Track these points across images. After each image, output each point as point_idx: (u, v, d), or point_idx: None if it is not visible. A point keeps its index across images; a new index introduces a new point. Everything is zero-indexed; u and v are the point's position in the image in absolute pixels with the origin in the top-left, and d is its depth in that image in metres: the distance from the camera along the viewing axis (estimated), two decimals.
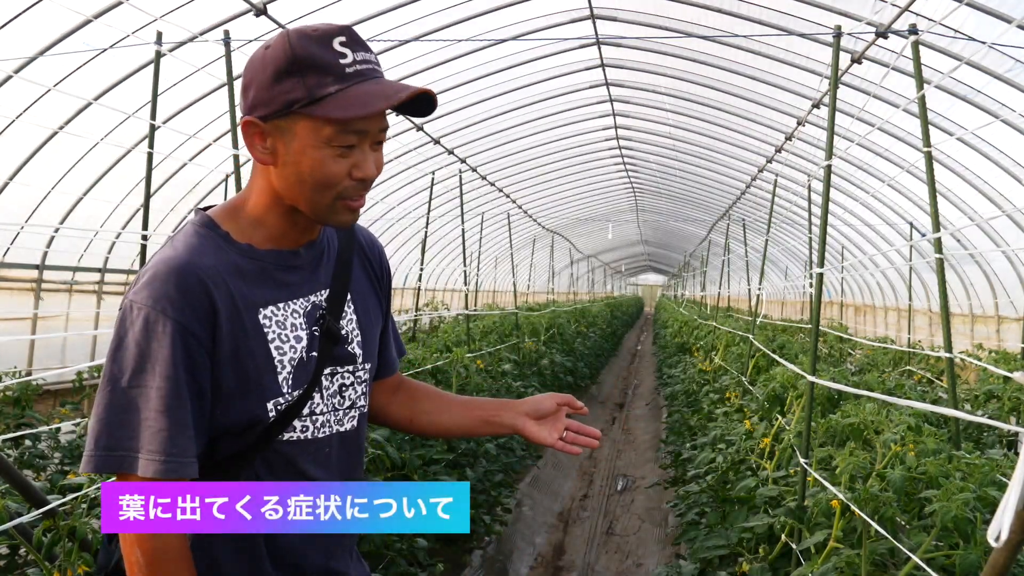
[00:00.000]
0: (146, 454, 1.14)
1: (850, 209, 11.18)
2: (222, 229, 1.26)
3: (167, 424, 1.15)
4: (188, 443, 1.16)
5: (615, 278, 45.29)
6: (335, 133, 1.18)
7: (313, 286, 1.32)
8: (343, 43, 1.19)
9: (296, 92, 1.17)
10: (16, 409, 4.24)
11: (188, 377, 1.17)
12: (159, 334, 1.15)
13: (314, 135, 1.19)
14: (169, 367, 1.15)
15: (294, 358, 1.27)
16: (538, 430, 1.48)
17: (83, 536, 2.05)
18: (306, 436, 1.31)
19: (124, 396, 1.15)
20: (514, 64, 8.65)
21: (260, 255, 1.27)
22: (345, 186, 1.22)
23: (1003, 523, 1.06)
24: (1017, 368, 5.13)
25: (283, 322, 1.27)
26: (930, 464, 2.34)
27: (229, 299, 1.21)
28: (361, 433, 1.41)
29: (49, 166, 7.32)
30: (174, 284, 1.17)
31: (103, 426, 1.15)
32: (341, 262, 1.37)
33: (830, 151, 3.29)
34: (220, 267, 1.22)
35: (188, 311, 1.17)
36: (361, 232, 1.46)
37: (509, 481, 6.01)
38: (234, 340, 1.21)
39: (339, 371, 1.34)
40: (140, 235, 3.70)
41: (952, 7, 5.29)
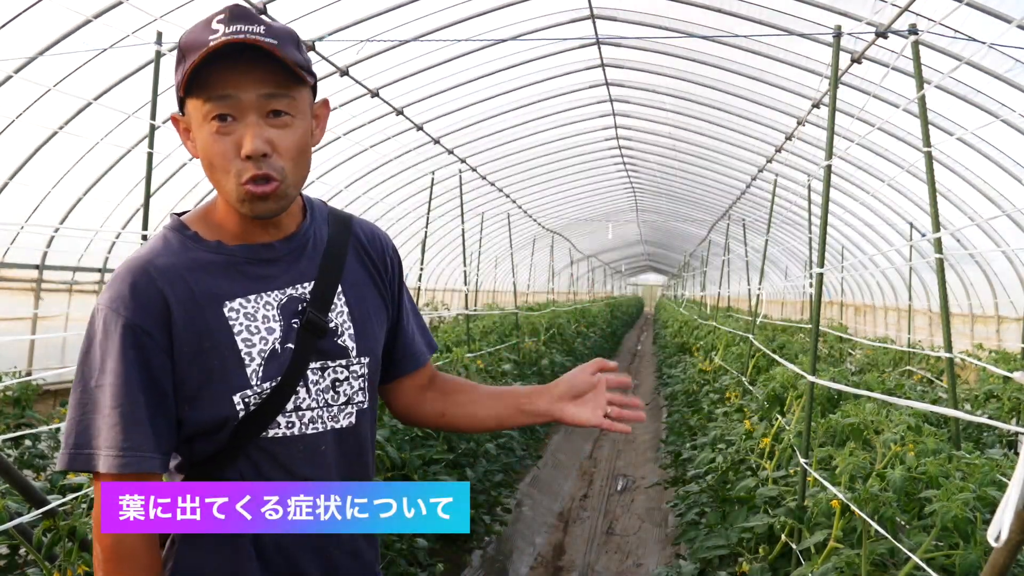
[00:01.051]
0: (104, 451, 1.15)
1: (850, 209, 11.18)
2: (190, 230, 1.26)
3: (119, 420, 1.15)
4: (143, 439, 1.15)
5: (615, 278, 45.28)
6: (205, 107, 1.15)
7: (292, 279, 1.28)
8: (220, 20, 1.15)
9: (178, 76, 1.18)
10: (16, 409, 4.25)
11: (141, 374, 1.16)
12: (112, 333, 1.16)
13: (196, 115, 1.18)
14: (120, 364, 1.15)
15: (264, 350, 1.24)
16: (577, 412, 1.39)
17: (83, 536, 2.05)
18: (292, 433, 1.26)
19: (90, 396, 1.17)
20: (514, 64, 8.65)
21: (229, 250, 1.25)
22: (238, 168, 1.16)
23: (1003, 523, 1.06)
24: (1017, 368, 5.14)
25: (253, 314, 1.24)
26: (930, 464, 2.34)
27: (187, 295, 1.20)
28: (362, 430, 1.35)
29: (49, 166, 7.32)
30: (128, 284, 1.18)
31: (72, 424, 1.17)
32: (330, 255, 1.32)
33: (830, 151, 3.29)
34: (179, 265, 1.21)
35: (139, 310, 1.17)
36: (361, 226, 1.42)
37: (509, 481, 6.01)
38: (195, 335, 1.20)
39: (330, 365, 1.30)
40: (140, 235, 3.70)
41: (952, 7, 5.29)
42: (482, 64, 8.49)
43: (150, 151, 3.75)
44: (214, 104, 1.14)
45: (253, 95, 1.15)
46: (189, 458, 1.27)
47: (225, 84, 1.14)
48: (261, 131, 1.16)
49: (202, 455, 1.26)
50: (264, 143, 1.15)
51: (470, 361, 6.15)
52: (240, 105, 1.15)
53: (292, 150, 1.19)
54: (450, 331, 8.22)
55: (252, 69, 1.14)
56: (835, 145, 3.36)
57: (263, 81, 1.15)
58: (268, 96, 1.16)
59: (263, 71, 1.15)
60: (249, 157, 1.15)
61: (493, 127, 10.51)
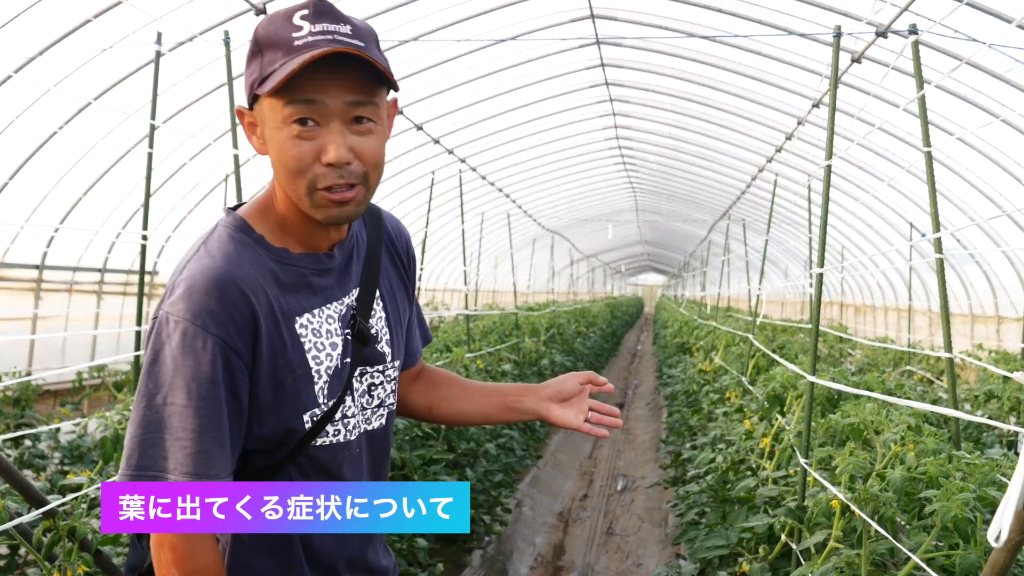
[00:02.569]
0: (179, 476, 1.09)
1: (850, 209, 11.18)
2: (256, 232, 1.20)
3: (206, 445, 1.09)
4: (224, 463, 1.12)
5: (615, 278, 45.28)
6: (286, 109, 1.10)
7: (345, 288, 1.26)
8: (303, 16, 1.09)
9: (254, 73, 1.13)
10: (16, 409, 4.25)
11: (229, 395, 1.11)
12: (199, 351, 1.08)
13: (273, 115, 1.12)
14: (208, 385, 1.09)
15: (330, 367, 1.22)
16: (562, 413, 1.42)
17: (83, 536, 2.05)
18: (338, 440, 1.27)
19: (159, 413, 1.09)
20: (514, 64, 8.65)
21: (295, 260, 1.20)
22: (316, 173, 1.11)
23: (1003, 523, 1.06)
24: (1017, 368, 5.14)
25: (319, 330, 1.21)
26: (930, 464, 2.34)
27: (269, 309, 1.15)
28: (389, 431, 1.37)
29: (49, 166, 7.32)
30: (215, 297, 1.10)
31: (135, 443, 1.10)
32: (370, 259, 1.29)
33: (830, 151, 3.28)
34: (259, 276, 1.15)
35: (230, 326, 1.10)
36: (389, 220, 1.39)
37: (509, 481, 6.01)
38: (272, 353, 1.15)
39: (368, 371, 1.30)
40: (140, 235, 3.70)
41: (952, 7, 5.29)
42: (482, 64, 8.49)
43: (150, 151, 3.75)
44: (297, 107, 1.09)
45: (340, 102, 1.10)
46: (243, 470, 1.24)
47: (311, 89, 1.09)
48: (345, 139, 1.11)
49: (255, 468, 1.24)
50: (348, 152, 1.11)
51: (470, 361, 6.15)
52: (325, 111, 1.10)
53: (374, 157, 1.15)
54: (450, 331, 8.22)
55: (339, 74, 1.09)
56: (835, 145, 3.36)
57: (350, 88, 1.10)
58: (354, 104, 1.11)
59: (351, 77, 1.10)
60: (331, 165, 1.11)
61: (493, 127, 10.51)
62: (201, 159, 8.41)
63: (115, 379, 4.36)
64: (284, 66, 1.07)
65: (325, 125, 1.11)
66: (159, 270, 10.01)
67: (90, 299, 9.08)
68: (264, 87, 1.10)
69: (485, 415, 1.48)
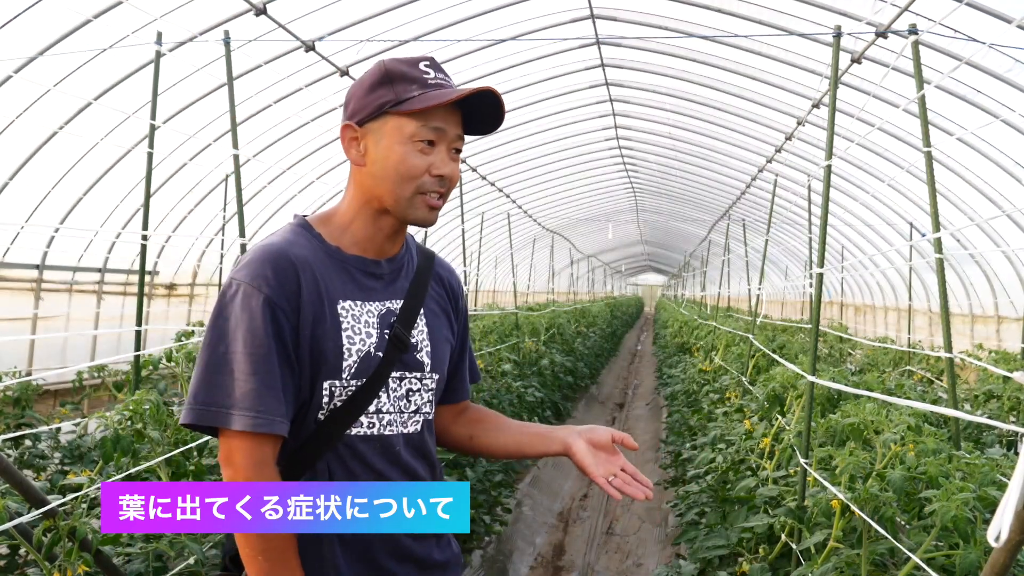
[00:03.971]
0: (239, 411, 1.29)
1: (850, 209, 11.18)
2: (316, 231, 1.45)
3: (257, 385, 1.29)
4: (276, 403, 1.31)
5: (615, 278, 45.28)
6: (416, 128, 1.38)
7: (389, 295, 1.47)
8: (427, 65, 1.42)
9: (387, 96, 1.40)
10: (16, 409, 4.24)
11: (278, 345, 1.32)
12: (253, 308, 1.32)
13: (399, 132, 1.39)
14: (261, 335, 1.31)
15: (361, 350, 1.40)
16: (586, 455, 1.49)
17: (83, 536, 2.05)
18: (373, 432, 1.42)
19: (221, 359, 1.31)
20: (514, 64, 8.65)
21: (346, 257, 1.44)
22: (424, 181, 1.39)
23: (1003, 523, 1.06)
24: (1017, 368, 5.14)
25: (358, 316, 1.42)
26: (930, 464, 2.34)
27: (315, 286, 1.38)
28: (425, 438, 1.50)
29: (49, 166, 7.32)
30: (270, 266, 1.35)
31: (201, 384, 1.31)
32: (418, 280, 1.52)
33: (830, 151, 3.29)
34: (310, 257, 1.40)
35: (279, 289, 1.34)
36: (441, 264, 1.62)
37: (509, 481, 6.01)
38: (314, 320, 1.36)
39: (407, 376, 1.46)
40: (140, 235, 3.70)
41: (952, 7, 5.29)
42: (482, 64, 8.49)
43: (150, 151, 3.75)
44: (428, 131, 1.38)
45: (454, 133, 1.42)
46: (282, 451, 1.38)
47: (441, 119, 1.39)
48: (453, 166, 1.43)
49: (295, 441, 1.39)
50: (451, 169, 1.42)
51: None
52: (443, 136, 1.40)
53: (456, 179, 1.45)
54: None
55: (456, 114, 1.42)
56: (835, 145, 3.36)
57: (459, 124, 1.43)
58: (457, 137, 1.43)
59: (459, 118, 1.42)
60: (440, 177, 1.40)
61: None
62: (201, 159, 8.41)
63: (115, 379, 4.35)
64: (426, 95, 1.38)
65: (438, 147, 1.41)
66: (159, 270, 10.01)
67: (90, 299, 9.08)
68: (403, 107, 1.38)
69: (519, 445, 1.61)
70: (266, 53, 6.82)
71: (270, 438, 1.31)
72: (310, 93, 7.65)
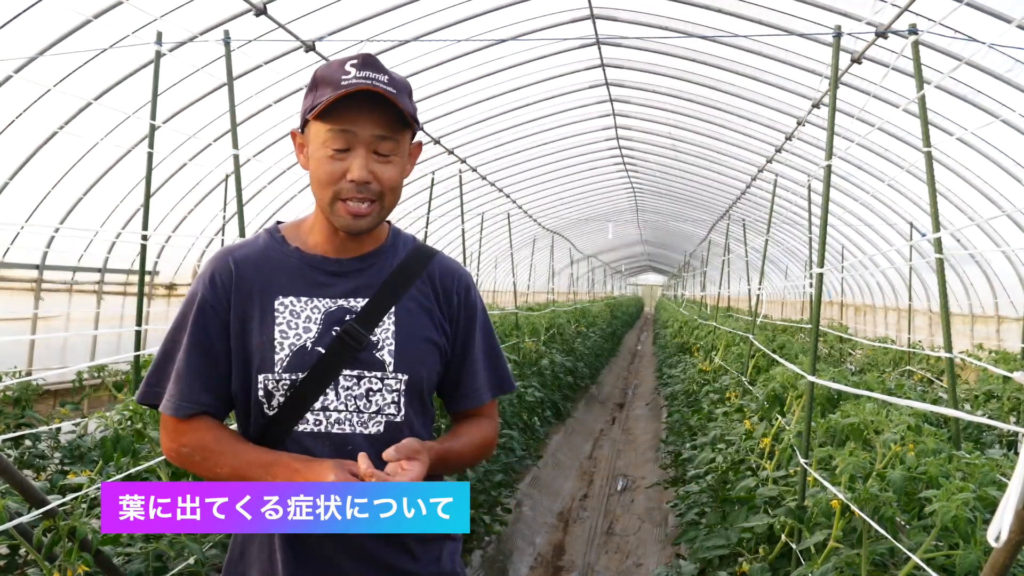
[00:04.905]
0: (167, 396, 1.43)
1: (850, 209, 11.18)
2: (279, 234, 1.51)
3: (182, 373, 1.42)
4: (193, 392, 1.42)
5: (615, 278, 45.27)
6: (326, 134, 1.38)
7: (347, 292, 1.47)
8: (352, 64, 1.38)
9: (307, 102, 1.41)
10: (16, 409, 4.24)
11: (201, 338, 1.43)
12: (192, 303, 1.45)
13: (317, 137, 1.40)
14: (191, 330, 1.43)
15: (295, 344, 1.42)
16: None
17: (83, 536, 2.05)
18: (320, 430, 1.42)
19: (167, 348, 1.46)
20: (514, 64, 8.65)
21: (301, 256, 1.47)
22: (340, 186, 1.39)
23: (1003, 523, 1.06)
24: (1017, 368, 5.13)
25: (297, 312, 1.44)
26: (930, 464, 2.34)
27: (249, 283, 1.44)
28: (392, 439, 1.41)
29: (49, 166, 7.32)
30: (212, 267, 1.46)
31: (153, 367, 1.47)
32: (394, 278, 1.49)
33: (830, 151, 3.29)
34: (254, 257, 1.47)
35: (212, 289, 1.44)
36: (439, 263, 1.57)
37: (509, 481, 6.01)
38: (245, 316, 1.43)
39: (366, 375, 1.44)
40: (140, 235, 3.69)
41: (952, 7, 5.29)
42: (482, 64, 8.49)
43: (150, 151, 3.75)
44: (335, 134, 1.38)
45: (368, 133, 1.38)
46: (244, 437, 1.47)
47: (348, 120, 1.37)
48: (367, 163, 1.39)
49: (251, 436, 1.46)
50: (368, 173, 1.38)
51: None
52: (356, 139, 1.38)
53: (390, 181, 1.42)
54: None
55: (371, 112, 1.38)
56: (835, 145, 3.36)
57: (377, 123, 1.39)
58: (379, 137, 1.39)
59: (379, 115, 1.38)
60: (353, 181, 1.38)
61: (493, 127, 10.51)
62: (201, 159, 8.40)
63: (115, 379, 4.35)
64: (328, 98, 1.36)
65: (354, 150, 1.39)
66: (159, 270, 10.00)
67: (90, 299, 9.07)
68: (313, 112, 1.38)
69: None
70: (266, 53, 6.82)
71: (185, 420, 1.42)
72: None
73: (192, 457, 1.42)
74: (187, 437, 1.42)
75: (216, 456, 1.40)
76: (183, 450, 1.42)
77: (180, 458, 1.44)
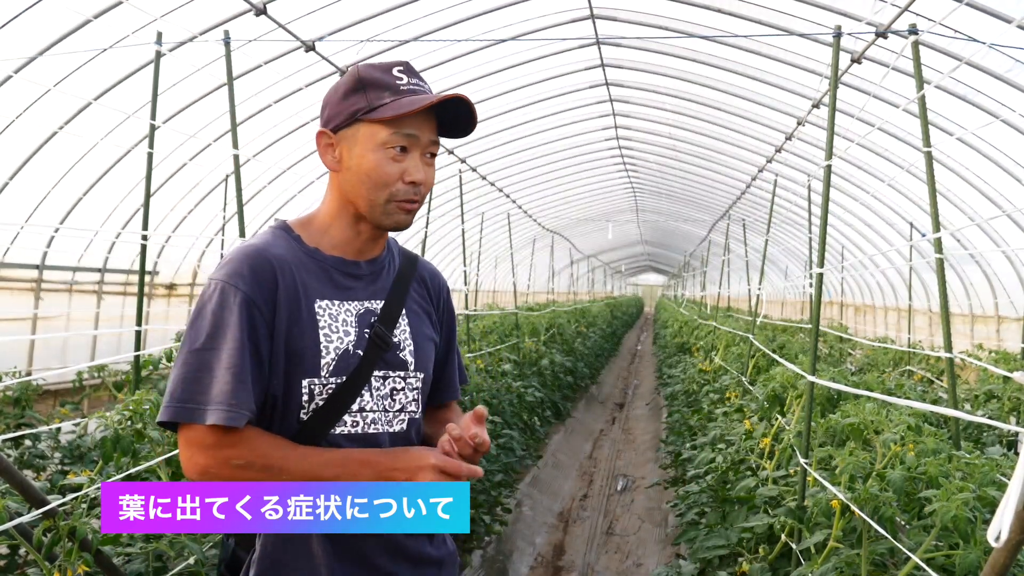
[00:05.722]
0: (213, 405, 1.30)
1: (850, 209, 11.18)
2: (295, 233, 1.48)
3: (231, 379, 1.31)
4: (247, 397, 1.32)
5: (615, 278, 45.27)
6: (388, 136, 1.40)
7: (369, 295, 1.49)
8: (400, 71, 1.44)
9: (359, 103, 1.42)
10: (16, 409, 4.24)
11: (251, 342, 1.35)
12: (230, 304, 1.35)
13: (372, 139, 1.41)
14: (236, 331, 1.33)
15: (339, 347, 1.42)
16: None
17: (83, 536, 2.05)
18: (356, 431, 1.43)
19: (199, 357, 1.33)
20: (514, 64, 8.64)
21: (324, 258, 1.46)
22: (397, 187, 1.42)
23: (1003, 523, 1.06)
24: (1017, 368, 5.13)
25: (335, 315, 1.43)
26: (930, 464, 2.34)
27: (292, 284, 1.40)
28: (412, 438, 1.51)
29: (49, 166, 7.32)
30: (247, 265, 1.38)
31: (179, 381, 1.33)
32: (399, 282, 1.54)
33: (830, 151, 3.29)
34: (288, 258, 1.42)
35: (255, 287, 1.37)
36: (426, 267, 1.65)
37: (509, 481, 6.01)
38: (290, 318, 1.39)
39: (391, 375, 1.48)
40: (140, 235, 3.70)
41: (952, 7, 5.29)
42: (482, 64, 8.48)
43: (150, 151, 3.75)
44: (400, 138, 1.41)
45: (427, 139, 1.44)
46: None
47: (414, 125, 1.42)
48: (428, 171, 1.45)
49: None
50: (424, 174, 1.44)
51: (470, 361, 6.15)
52: (416, 143, 1.43)
53: (431, 184, 1.48)
54: None
55: (428, 119, 1.44)
56: (835, 145, 3.36)
57: (433, 130, 1.45)
58: (431, 143, 1.45)
59: (433, 122, 1.45)
60: (413, 183, 1.43)
61: (493, 127, 10.51)
62: (201, 159, 8.40)
63: (115, 379, 4.35)
64: (397, 102, 1.40)
65: (411, 153, 1.43)
66: (159, 270, 10.00)
67: (90, 299, 9.07)
68: (375, 115, 1.40)
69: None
70: (266, 53, 6.81)
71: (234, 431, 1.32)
72: (310, 93, 7.65)
73: (246, 471, 1.31)
74: (239, 448, 1.31)
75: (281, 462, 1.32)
76: (235, 462, 1.30)
77: (229, 471, 1.30)
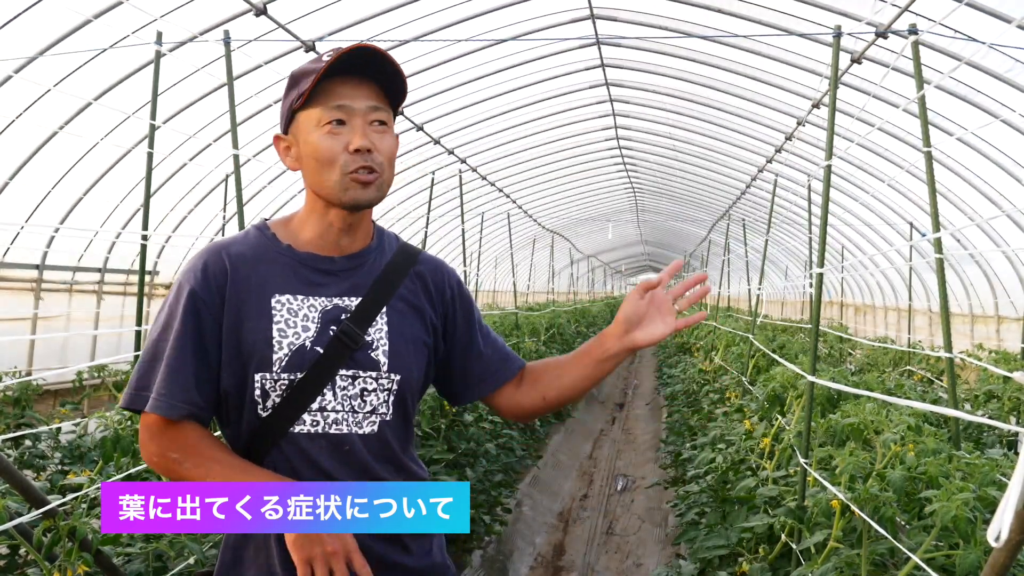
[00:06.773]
0: (156, 395, 1.35)
1: (850, 209, 11.18)
2: (270, 231, 1.48)
3: (167, 372, 1.35)
4: (181, 390, 1.35)
5: (615, 278, 45.27)
6: (321, 113, 1.39)
7: (342, 291, 1.45)
8: (328, 54, 1.39)
9: (292, 96, 1.42)
10: (16, 409, 4.24)
11: (193, 335, 1.37)
12: (181, 299, 1.38)
13: (309, 124, 1.40)
14: (180, 325, 1.37)
15: (294, 343, 1.39)
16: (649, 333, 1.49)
17: (83, 536, 2.05)
18: (317, 430, 1.40)
19: (154, 347, 1.39)
20: (514, 64, 8.65)
21: (294, 254, 1.45)
22: (344, 160, 1.38)
23: (1003, 523, 1.06)
24: (1017, 368, 5.13)
25: (295, 311, 1.41)
26: (930, 464, 2.34)
27: (245, 279, 1.40)
28: (384, 440, 1.45)
29: (49, 166, 7.32)
30: (203, 261, 1.41)
31: (137, 370, 1.39)
32: (383, 278, 1.49)
33: (830, 151, 3.29)
34: (248, 254, 1.43)
35: (203, 283, 1.39)
36: (428, 261, 1.58)
37: (509, 481, 6.01)
38: (240, 313, 1.39)
39: (361, 375, 1.43)
40: (140, 235, 3.70)
41: (952, 7, 5.28)
42: (482, 64, 8.49)
43: (150, 151, 3.75)
44: (332, 111, 1.38)
45: (362, 105, 1.40)
46: (233, 439, 1.43)
47: (340, 96, 1.39)
48: (366, 133, 1.39)
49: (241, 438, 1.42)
50: (369, 142, 1.39)
51: None
52: (352, 112, 1.39)
53: (388, 150, 1.42)
54: None
55: (360, 85, 1.40)
56: (835, 145, 3.36)
57: (369, 95, 1.41)
58: (372, 108, 1.41)
59: (368, 88, 1.41)
60: (357, 150, 1.38)
61: (493, 127, 10.51)
62: (201, 159, 8.40)
63: (115, 379, 4.35)
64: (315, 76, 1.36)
65: (350, 124, 1.39)
66: (159, 270, 10.00)
67: (90, 299, 9.07)
68: (300, 100, 1.39)
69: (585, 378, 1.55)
70: (266, 53, 6.81)
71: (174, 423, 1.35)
72: None
73: (179, 465, 1.34)
74: (177, 442, 1.35)
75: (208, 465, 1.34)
76: (171, 455, 1.34)
77: (165, 462, 1.35)
